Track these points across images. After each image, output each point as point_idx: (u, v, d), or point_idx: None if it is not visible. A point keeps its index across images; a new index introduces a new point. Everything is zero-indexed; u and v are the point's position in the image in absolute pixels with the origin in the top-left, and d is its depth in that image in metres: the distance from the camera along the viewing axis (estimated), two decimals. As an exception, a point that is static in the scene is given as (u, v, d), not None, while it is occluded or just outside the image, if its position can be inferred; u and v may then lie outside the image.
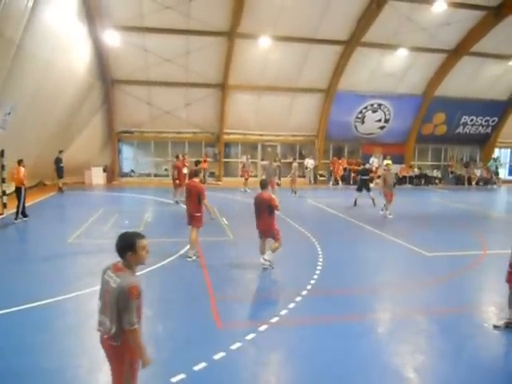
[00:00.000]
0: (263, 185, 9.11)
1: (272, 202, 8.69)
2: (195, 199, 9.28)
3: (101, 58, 21.54)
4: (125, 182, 25.25)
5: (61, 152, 20.18)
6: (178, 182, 17.32)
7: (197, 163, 16.19)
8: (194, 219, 9.41)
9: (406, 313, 6.90)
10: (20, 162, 13.43)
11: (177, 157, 18.93)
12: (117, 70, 22.69)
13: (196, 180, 9.66)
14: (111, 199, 19.79)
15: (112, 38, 20.10)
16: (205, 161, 24.54)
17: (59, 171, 20.10)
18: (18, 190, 13.30)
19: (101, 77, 22.35)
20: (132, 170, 26.99)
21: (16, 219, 13.17)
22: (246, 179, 22.80)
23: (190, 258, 9.39)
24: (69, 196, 19.46)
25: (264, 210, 8.75)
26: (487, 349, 5.77)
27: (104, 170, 24.70)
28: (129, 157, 27.23)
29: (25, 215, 13.47)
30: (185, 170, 18.08)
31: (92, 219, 13.72)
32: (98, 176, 24.20)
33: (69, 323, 6.09)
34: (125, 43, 20.87)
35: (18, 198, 13.21)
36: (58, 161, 20.05)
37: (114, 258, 6.64)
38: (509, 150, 33.15)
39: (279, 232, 8.88)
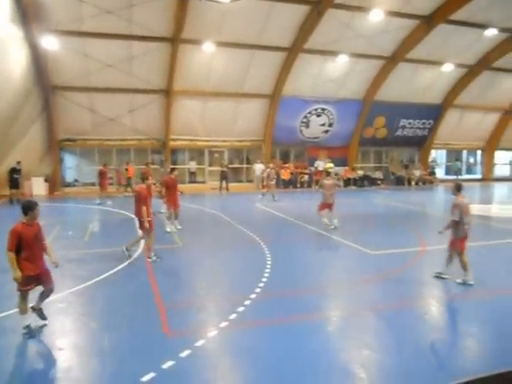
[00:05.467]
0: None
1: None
2: (139, 204, 9.77)
3: (38, 64, 20.67)
4: (68, 192, 24.36)
5: (19, 163, 19.42)
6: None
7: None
8: (140, 224, 9.89)
9: (352, 310, 7.14)
10: None
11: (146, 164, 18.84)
12: (56, 76, 21.90)
13: (142, 185, 10.08)
14: (53, 210, 19.00)
15: (50, 43, 19.42)
16: (127, 169, 24.09)
17: (13, 182, 19.36)
18: None
19: (39, 83, 21.46)
20: (75, 180, 26.05)
21: None
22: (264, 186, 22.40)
23: (150, 258, 9.82)
24: (5, 208, 18.50)
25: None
26: (428, 339, 6.07)
27: (45, 180, 23.68)
28: (72, 166, 26.29)
29: None
30: None
31: (32, 231, 13.11)
32: (39, 186, 23.15)
33: None
34: (64, 48, 20.24)
35: None
36: (12, 171, 19.32)
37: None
38: (444, 151, 35.07)
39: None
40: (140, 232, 10.26)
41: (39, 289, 6.24)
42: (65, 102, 22.83)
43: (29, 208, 6.07)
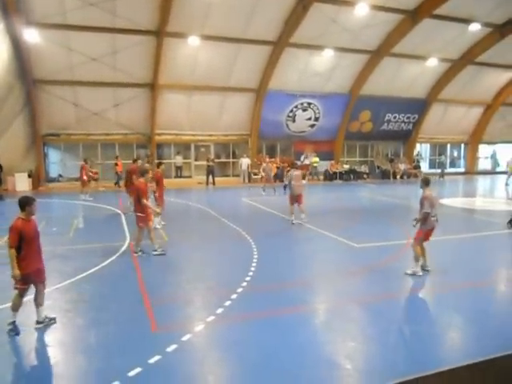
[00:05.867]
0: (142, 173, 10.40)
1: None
2: (136, 199, 9.89)
3: (20, 57, 20.31)
4: (52, 188, 24.06)
5: None
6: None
7: (134, 161, 15.96)
8: (137, 219, 9.95)
9: (337, 302, 7.22)
10: None
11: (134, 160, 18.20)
12: (39, 70, 21.53)
13: (141, 180, 10.15)
14: (38, 206, 18.76)
15: (32, 36, 19.08)
16: (117, 164, 23.96)
17: None
18: None
19: (21, 77, 21.10)
20: (60, 175, 25.73)
21: None
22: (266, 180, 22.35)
23: (136, 253, 9.85)
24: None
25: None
26: (412, 330, 6.17)
27: (29, 176, 23.36)
28: (56, 161, 25.97)
29: None
30: None
31: (16, 228, 12.93)
32: (22, 182, 22.81)
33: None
34: (47, 41, 19.92)
35: None
36: None
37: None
38: (428, 145, 35.45)
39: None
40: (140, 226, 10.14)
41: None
42: (48, 96, 22.50)
43: (26, 203, 5.99)
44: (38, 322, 6.10)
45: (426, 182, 8.62)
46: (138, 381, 4.75)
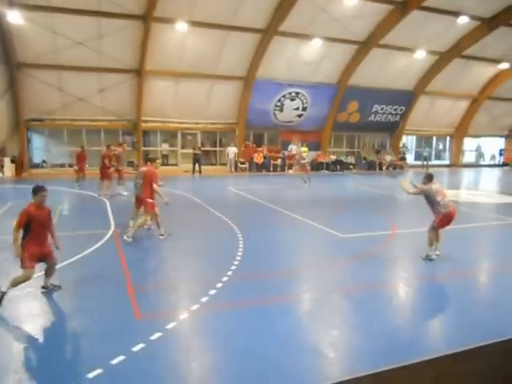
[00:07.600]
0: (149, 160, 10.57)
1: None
2: (147, 184, 9.88)
3: (3, 39, 19.85)
4: (36, 174, 23.67)
5: None
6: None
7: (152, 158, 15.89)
8: (146, 204, 10.05)
9: (321, 292, 7.25)
10: None
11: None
12: (23, 53, 21.05)
13: (151, 165, 10.25)
14: (20, 192, 18.40)
15: (15, 18, 18.60)
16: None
17: None
18: None
19: (4, 59, 20.62)
20: (44, 161, 25.34)
21: None
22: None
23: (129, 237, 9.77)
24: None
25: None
26: (396, 320, 6.24)
27: (12, 161, 22.97)
28: (40, 146, 25.52)
29: None
30: None
31: (-2, 214, 12.74)
32: (5, 168, 22.48)
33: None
34: (30, 23, 19.44)
35: None
36: None
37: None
38: (414, 137, 35.72)
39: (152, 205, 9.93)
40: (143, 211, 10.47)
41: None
42: (32, 80, 22.02)
43: (34, 191, 6.64)
44: (44, 288, 6.77)
45: (428, 178, 8.91)
46: (120, 368, 4.71)
